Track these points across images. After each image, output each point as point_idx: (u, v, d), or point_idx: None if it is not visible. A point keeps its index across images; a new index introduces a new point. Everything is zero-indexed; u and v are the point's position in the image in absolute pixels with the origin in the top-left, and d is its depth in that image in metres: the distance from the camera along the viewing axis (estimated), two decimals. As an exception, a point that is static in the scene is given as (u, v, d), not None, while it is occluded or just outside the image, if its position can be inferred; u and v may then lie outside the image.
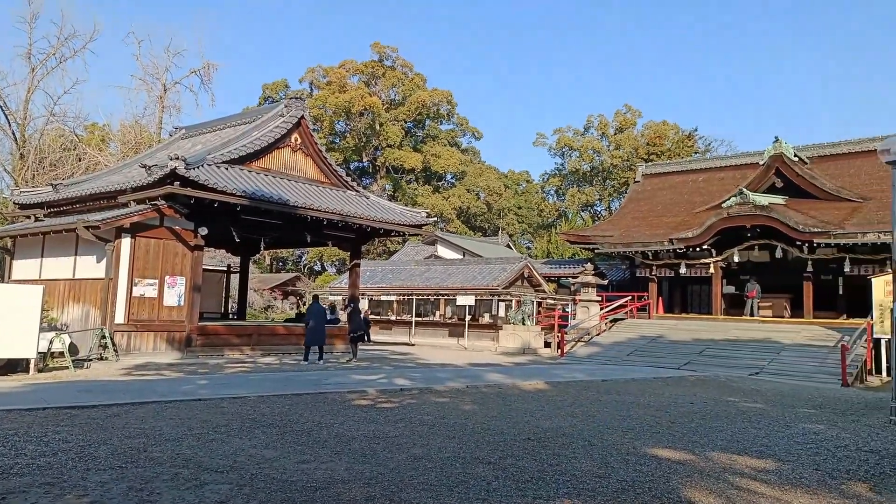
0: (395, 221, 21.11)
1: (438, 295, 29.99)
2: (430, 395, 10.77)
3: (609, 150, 57.93)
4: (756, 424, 9.27)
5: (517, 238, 63.05)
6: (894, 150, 11.80)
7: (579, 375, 15.50)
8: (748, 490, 5.57)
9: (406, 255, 42.80)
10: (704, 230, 25.50)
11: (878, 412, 11.26)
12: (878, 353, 19.45)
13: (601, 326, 26.44)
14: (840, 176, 27.50)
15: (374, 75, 58.54)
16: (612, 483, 5.55)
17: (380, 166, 59.15)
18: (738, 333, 23.03)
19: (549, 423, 8.46)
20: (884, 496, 5.62)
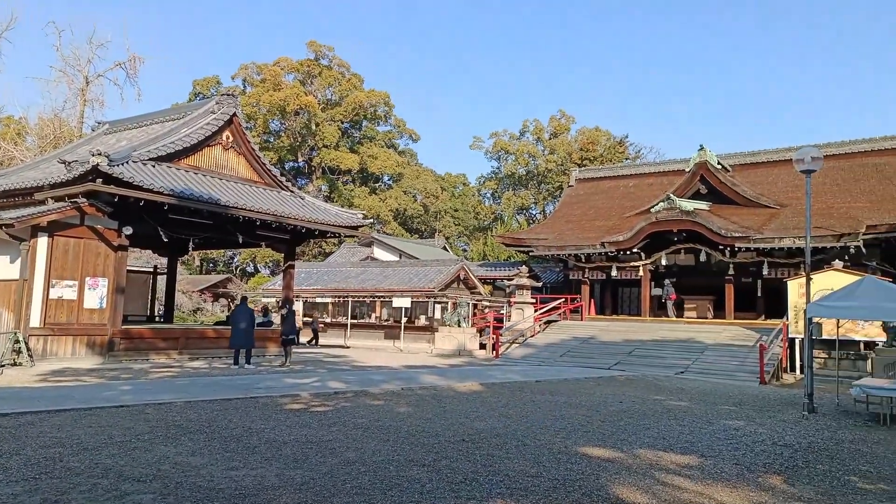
0: (331, 223, 20.82)
1: (374, 297, 29.80)
2: (365, 397, 10.67)
3: (544, 154, 59.02)
4: (681, 422, 9.62)
5: (454, 240, 63.37)
6: (808, 160, 12.54)
7: (514, 376, 15.69)
8: (673, 486, 5.76)
9: (342, 256, 42.33)
10: (634, 234, 26.31)
11: (791, 408, 11.89)
12: (792, 352, 20.54)
13: (535, 328, 26.87)
14: (760, 183, 28.93)
15: (310, 74, 57.65)
16: (544, 482, 5.63)
17: (316, 167, 58.29)
18: (665, 334, 23.86)
19: (483, 424, 8.52)
20: (796, 487, 5.93)
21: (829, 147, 27.63)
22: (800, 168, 12.83)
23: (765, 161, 30.39)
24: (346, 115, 57.64)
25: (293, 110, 53.77)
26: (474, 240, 59.73)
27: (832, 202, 25.42)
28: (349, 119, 58.70)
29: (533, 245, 30.09)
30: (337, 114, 57.39)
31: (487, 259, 45.74)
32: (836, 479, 6.30)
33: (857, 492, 5.87)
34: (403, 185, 60.97)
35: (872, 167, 27.23)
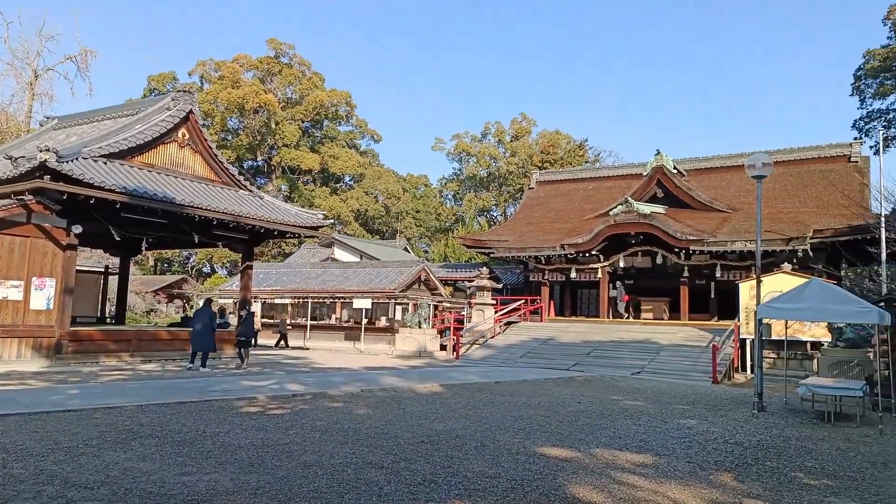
0: (291, 223, 20.55)
1: (335, 298, 29.54)
2: (324, 399, 10.56)
3: (505, 156, 59.43)
4: (636, 421, 9.79)
5: (415, 241, 63.29)
6: (759, 165, 12.91)
7: (474, 378, 15.75)
8: (628, 484, 5.86)
9: (302, 257, 41.85)
10: (593, 236, 26.70)
11: (742, 407, 12.22)
12: (743, 352, 21.12)
13: (496, 329, 27.02)
14: (713, 188, 29.69)
15: (269, 72, 56.83)
16: (502, 482, 5.66)
17: (275, 166, 57.49)
18: (622, 335, 24.26)
19: (442, 426, 8.53)
20: (746, 484, 6.09)
21: (780, 154, 28.50)
22: (751, 173, 13.21)
23: (718, 166, 31.19)
24: (306, 114, 57.02)
25: (252, 108, 52.94)
26: (436, 241, 59.79)
27: (782, 207, 26.23)
28: (310, 118, 58.08)
29: (494, 247, 30.27)
30: (297, 113, 56.73)
31: (449, 260, 45.83)
32: (783, 476, 6.50)
33: (803, 487, 6.06)
34: (365, 186, 60.62)
35: (819, 173, 28.21)
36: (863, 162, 28.36)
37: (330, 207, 52.07)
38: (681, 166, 30.78)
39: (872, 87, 41.23)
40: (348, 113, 61.16)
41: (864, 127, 41.83)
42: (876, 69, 40.37)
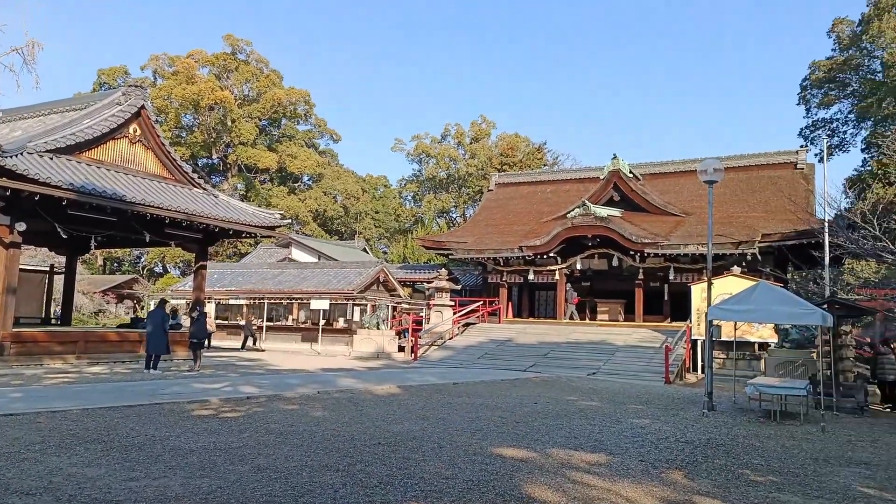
0: (246, 222, 20.19)
1: (292, 299, 29.13)
2: (279, 402, 10.40)
3: (465, 158, 59.66)
4: (591, 421, 9.92)
5: (374, 242, 62.98)
6: (710, 171, 13.26)
7: (432, 379, 15.74)
8: (582, 483, 5.93)
9: (258, 257, 41.17)
10: (551, 238, 27.01)
11: (693, 406, 12.52)
12: (695, 352, 21.64)
13: (454, 330, 27.07)
14: (668, 192, 30.38)
15: (226, 68, 55.78)
16: (458, 483, 5.66)
17: (231, 164, 56.44)
18: (578, 336, 24.59)
19: (400, 427, 8.49)
20: (695, 481, 6.23)
21: (730, 160, 29.34)
22: (703, 178, 13.56)
23: (672, 171, 31.93)
24: (264, 112, 56.16)
25: (207, 105, 51.88)
26: (395, 242, 59.59)
27: (732, 212, 27.00)
28: (267, 116, 57.23)
29: (453, 248, 30.34)
30: (254, 110, 55.84)
31: (408, 261, 45.73)
32: (731, 473, 6.67)
33: (750, 484, 6.23)
34: (324, 186, 60.02)
35: (767, 179, 29.14)
36: (808, 169, 29.42)
37: (287, 207, 51.38)
38: (637, 170, 31.39)
39: (817, 97, 42.77)
40: (307, 112, 60.50)
41: (809, 135, 43.35)
42: (821, 80, 41.89)
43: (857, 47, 40.05)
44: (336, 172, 63.19)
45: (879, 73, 38.72)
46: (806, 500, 5.72)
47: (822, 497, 5.87)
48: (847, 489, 6.22)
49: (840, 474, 6.92)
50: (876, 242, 11.96)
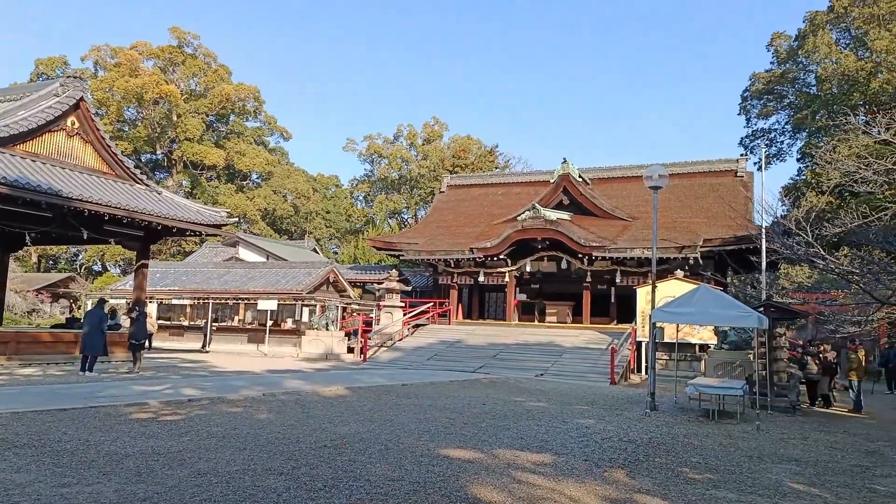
0: (191, 220, 19.65)
1: (238, 299, 28.53)
2: (222, 404, 10.16)
3: (417, 159, 59.63)
4: (538, 422, 10.04)
5: (324, 242, 62.28)
6: (655, 177, 13.60)
7: (380, 380, 15.65)
8: (527, 483, 5.99)
9: (203, 256, 40.16)
10: (501, 241, 27.24)
11: (637, 406, 12.82)
12: (639, 354, 22.16)
13: (404, 332, 27.00)
14: (615, 196, 31.04)
15: (172, 61, 54.24)
16: (405, 485, 5.64)
17: (176, 160, 54.90)
18: (527, 338, 24.87)
19: (347, 429, 8.40)
20: (637, 480, 6.37)
21: (675, 167, 30.18)
22: (648, 184, 13.91)
23: (620, 176, 32.64)
24: (211, 107, 54.85)
25: (152, 99, 50.34)
26: (345, 242, 59.08)
27: (676, 217, 27.78)
28: (215, 112, 55.91)
29: (404, 249, 30.28)
30: (201, 105, 54.46)
31: (358, 262, 45.40)
32: (671, 471, 6.85)
33: (688, 482, 6.41)
34: (273, 185, 59.01)
35: (709, 186, 30.11)
36: (748, 177, 30.54)
37: (235, 205, 50.34)
38: (586, 175, 31.97)
39: (757, 107, 44.42)
40: (256, 108, 59.37)
41: (749, 144, 44.99)
42: (760, 91, 43.54)
43: (794, 61, 41.81)
44: (286, 171, 62.24)
45: (814, 86, 40.51)
46: (740, 497, 5.92)
47: (756, 493, 6.08)
48: (779, 485, 6.47)
49: (773, 471, 7.19)
50: (809, 249, 12.49)
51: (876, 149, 18.39)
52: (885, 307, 12.64)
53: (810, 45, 38.39)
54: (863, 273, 11.56)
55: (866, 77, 34.54)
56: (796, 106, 41.46)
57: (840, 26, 39.53)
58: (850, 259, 16.92)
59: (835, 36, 39.40)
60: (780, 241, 14.45)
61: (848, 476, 7.13)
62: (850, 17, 37.84)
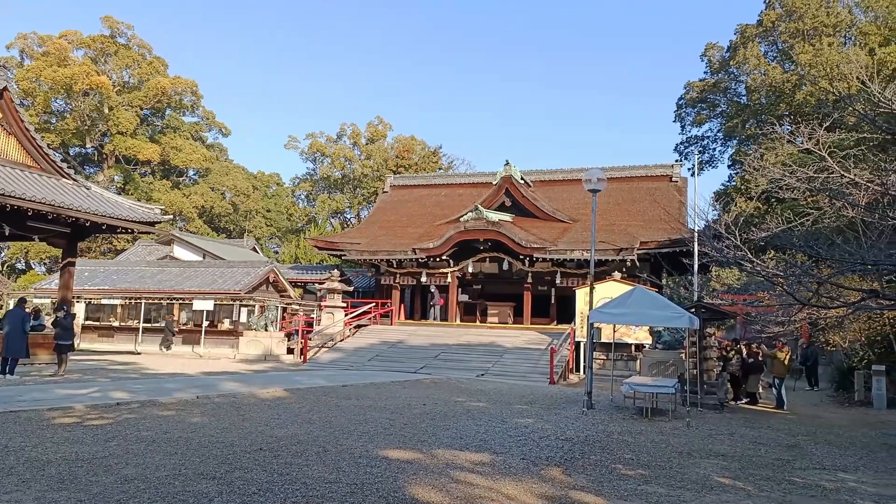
0: (122, 217, 18.89)
1: (172, 299, 27.62)
2: (154, 408, 9.82)
3: (360, 159, 59.09)
4: (478, 421, 10.11)
5: (265, 241, 60.97)
6: (594, 180, 13.92)
7: (320, 381, 15.44)
8: (466, 482, 6.02)
9: (136, 254, 38.71)
10: (444, 242, 27.32)
11: (574, 405, 13.07)
12: (578, 354, 22.62)
13: (345, 332, 26.74)
14: (556, 199, 31.58)
15: (103, 52, 52.01)
16: (342, 487, 5.58)
17: (108, 155, 52.70)
18: (469, 338, 25.01)
19: (284, 432, 8.26)
20: (572, 477, 6.50)
21: (613, 170, 30.95)
22: (587, 187, 14.22)
23: (561, 179, 33.24)
24: (146, 100, 52.87)
25: (82, 90, 48.13)
26: (286, 242, 58.03)
27: (614, 220, 28.50)
28: (150, 106, 53.91)
29: (346, 249, 29.99)
30: (135, 98, 52.45)
31: (299, 262, 44.70)
32: (605, 468, 7.02)
33: (621, 478, 6.58)
34: (211, 182, 57.37)
35: (646, 190, 31.02)
36: (682, 182, 31.61)
37: (170, 202, 48.71)
38: (528, 177, 32.41)
39: (691, 115, 46.08)
40: (194, 103, 57.58)
41: (683, 150, 46.61)
42: (694, 100, 45.19)
43: (726, 71, 43.58)
44: (225, 168, 60.63)
45: (744, 96, 42.33)
46: (670, 491, 6.12)
47: (685, 488, 6.30)
48: (706, 479, 6.71)
49: (701, 465, 7.46)
50: (737, 252, 13.00)
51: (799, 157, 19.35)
52: (806, 308, 13.29)
53: (741, 57, 40.09)
54: (786, 276, 12.11)
55: (792, 89, 36.32)
56: (728, 115, 43.21)
57: (768, 39, 41.46)
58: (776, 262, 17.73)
59: (763, 49, 41.29)
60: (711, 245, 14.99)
61: (770, 469, 7.46)
62: (778, 31, 39.74)
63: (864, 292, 11.03)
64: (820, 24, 37.06)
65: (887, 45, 32.70)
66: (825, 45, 34.37)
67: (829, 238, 12.19)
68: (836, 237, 11.95)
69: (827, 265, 12.03)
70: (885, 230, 10.53)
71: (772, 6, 40.41)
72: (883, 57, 29.25)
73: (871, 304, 11.36)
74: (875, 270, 10.72)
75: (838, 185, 12.12)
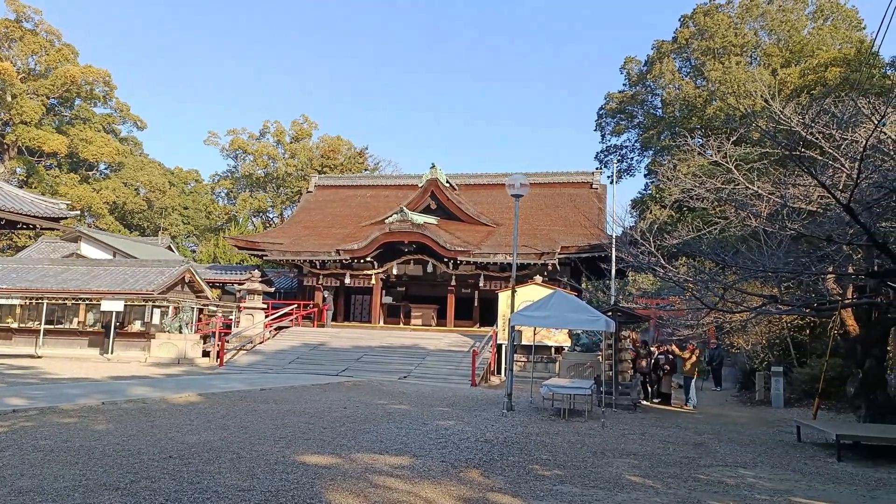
0: (22, 212, 17.73)
1: (78, 299, 26.11)
2: (54, 415, 9.24)
3: (284, 157, 57.82)
4: (399, 424, 10.08)
5: (181, 240, 58.66)
6: (517, 185, 14.18)
7: (237, 385, 14.99)
8: (384, 487, 5.98)
9: (39, 252, 36.37)
10: (369, 243, 27.12)
11: (495, 407, 13.25)
12: (500, 356, 22.96)
13: (265, 334, 26.08)
14: (481, 203, 31.96)
15: (7, 36, 48.65)
16: (255, 495, 5.43)
17: (10, 145, 49.30)
18: (392, 341, 24.91)
19: (196, 438, 7.95)
20: (490, 478, 6.58)
21: (536, 176, 31.63)
22: (511, 192, 14.48)
23: (486, 183, 33.68)
24: (53, 89, 49.82)
25: (-19, 75, 44.92)
26: (205, 241, 56.04)
27: (537, 224, 29.12)
28: (58, 95, 50.84)
29: (268, 249, 29.27)
30: (41, 87, 49.33)
31: (218, 262, 43.27)
32: (522, 469, 7.15)
33: (538, 478, 6.72)
34: (124, 177, 54.66)
35: (567, 196, 31.87)
36: (601, 189, 32.68)
37: (78, 197, 46.09)
38: (453, 181, 32.65)
39: (611, 125, 47.69)
40: (107, 94, 54.69)
41: (603, 159, 48.13)
42: (614, 110, 46.82)
43: (643, 84, 45.38)
44: (139, 162, 57.93)
45: (660, 109, 44.22)
46: (584, 490, 6.29)
47: (598, 486, 6.50)
48: (618, 478, 6.95)
49: (614, 465, 7.72)
50: (651, 258, 13.58)
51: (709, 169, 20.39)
52: (713, 312, 14.02)
53: (657, 71, 41.87)
54: (696, 281, 12.75)
55: (703, 103, 38.21)
56: (644, 126, 44.98)
57: (682, 56, 43.47)
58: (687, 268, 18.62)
59: (678, 64, 43.25)
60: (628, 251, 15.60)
61: (677, 467, 7.81)
62: (691, 48, 41.74)
63: (764, 297, 11.74)
64: (729, 43, 39.21)
65: (788, 66, 35.03)
66: (733, 64, 36.38)
67: (735, 246, 12.92)
68: (740, 245, 12.67)
69: (732, 272, 12.74)
70: (784, 240, 11.25)
71: (686, 24, 42.42)
72: (784, 77, 31.34)
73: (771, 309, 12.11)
74: (775, 277, 11.43)
75: (743, 196, 12.87)
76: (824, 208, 11.08)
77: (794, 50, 37.27)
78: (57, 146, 48.46)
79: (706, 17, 40.29)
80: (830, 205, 10.65)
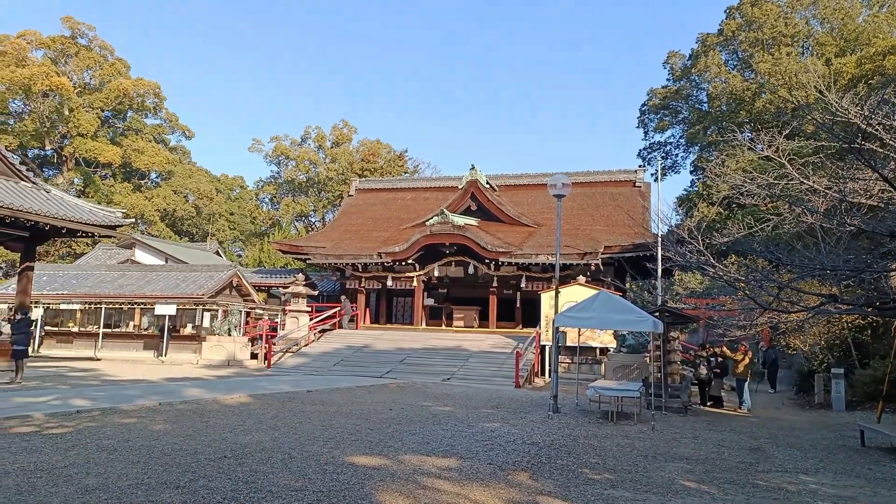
0: (82, 220, 18.42)
1: (134, 303, 27.03)
2: (115, 415, 9.58)
3: (325, 162, 58.65)
4: (444, 426, 10.11)
5: (228, 245, 60.04)
6: (559, 185, 14.07)
7: (285, 387, 15.27)
8: (433, 488, 6.02)
9: (96, 258, 37.78)
10: (410, 245, 27.27)
11: (540, 409, 13.17)
12: (543, 357, 22.79)
13: (310, 337, 26.49)
14: (522, 203, 31.81)
15: (64, 53, 50.71)
16: (308, 495, 5.53)
17: (68, 157, 51.34)
18: (434, 342, 24.99)
19: (248, 438, 8.14)
20: (539, 482, 6.55)
21: (578, 175, 31.30)
22: (552, 192, 14.36)
23: (526, 184, 33.49)
24: (107, 102, 51.66)
25: (41, 91, 46.83)
26: (250, 245, 57.22)
27: (578, 224, 28.82)
28: (111, 107, 52.70)
29: (310, 253, 29.72)
30: (96, 100, 51.21)
31: (263, 266, 44.12)
32: (571, 472, 7.09)
33: (588, 482, 6.65)
34: (174, 185, 56.29)
35: (610, 195, 31.45)
36: (645, 187, 32.13)
37: (132, 205, 47.66)
38: (493, 182, 32.58)
39: (654, 121, 46.90)
40: (157, 105, 56.47)
41: (647, 156, 47.38)
42: (657, 106, 46.02)
43: (688, 79, 44.49)
44: (188, 170, 59.56)
45: (705, 103, 43.27)
46: (636, 495, 6.20)
47: (650, 491, 6.39)
48: (671, 483, 6.82)
49: (666, 469, 7.58)
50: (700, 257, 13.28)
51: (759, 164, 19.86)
52: (767, 312, 13.62)
53: (702, 65, 40.99)
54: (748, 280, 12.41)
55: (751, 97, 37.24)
56: (689, 121, 44.09)
57: (729, 48, 42.46)
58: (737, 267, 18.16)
59: (724, 57, 42.26)
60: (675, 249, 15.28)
61: (733, 473, 7.62)
62: (738, 40, 40.74)
63: (823, 297, 11.35)
64: (778, 33, 38.12)
65: (843, 56, 33.79)
66: (784, 55, 35.36)
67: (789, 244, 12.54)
68: (795, 243, 12.30)
69: (787, 270, 12.35)
70: (843, 236, 10.87)
71: (732, 16, 41.42)
72: (839, 67, 30.24)
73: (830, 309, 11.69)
74: (834, 275, 11.04)
75: (798, 192, 12.49)
76: (886, 203, 10.66)
77: (849, 38, 35.96)
78: (111, 157, 50.24)
79: (754, 7, 39.23)
80: (893, 199, 10.25)
